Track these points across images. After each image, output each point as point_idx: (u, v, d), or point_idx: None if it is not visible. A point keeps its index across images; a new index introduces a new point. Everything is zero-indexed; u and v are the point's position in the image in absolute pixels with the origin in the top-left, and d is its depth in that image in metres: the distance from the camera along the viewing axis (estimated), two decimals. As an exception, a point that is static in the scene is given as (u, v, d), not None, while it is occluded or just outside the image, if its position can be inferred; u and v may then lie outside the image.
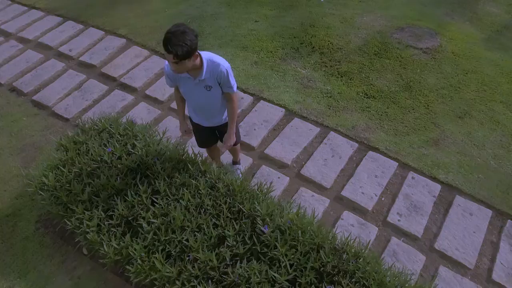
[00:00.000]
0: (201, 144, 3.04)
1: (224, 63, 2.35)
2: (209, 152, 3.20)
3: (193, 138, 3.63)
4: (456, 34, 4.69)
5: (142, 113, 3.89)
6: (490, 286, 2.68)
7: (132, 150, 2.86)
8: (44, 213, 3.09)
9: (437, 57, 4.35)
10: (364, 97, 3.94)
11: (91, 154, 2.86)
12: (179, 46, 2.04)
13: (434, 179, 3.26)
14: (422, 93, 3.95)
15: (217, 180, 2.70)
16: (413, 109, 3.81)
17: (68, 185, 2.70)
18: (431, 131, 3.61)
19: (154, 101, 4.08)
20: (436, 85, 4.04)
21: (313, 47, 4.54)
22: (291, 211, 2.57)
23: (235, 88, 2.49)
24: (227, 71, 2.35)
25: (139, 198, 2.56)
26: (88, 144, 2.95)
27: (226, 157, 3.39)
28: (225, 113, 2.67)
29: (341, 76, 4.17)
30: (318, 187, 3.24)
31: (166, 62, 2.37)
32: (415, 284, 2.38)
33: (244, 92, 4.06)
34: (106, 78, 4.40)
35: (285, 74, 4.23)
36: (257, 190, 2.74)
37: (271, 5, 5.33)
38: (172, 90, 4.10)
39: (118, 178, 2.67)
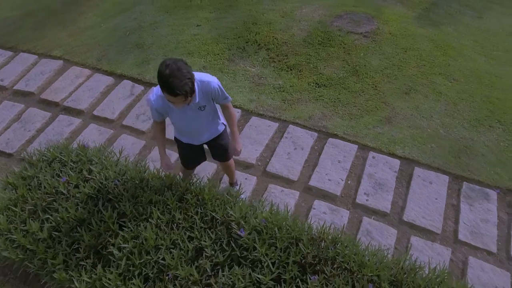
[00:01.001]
0: (188, 163, 2.90)
1: (213, 79, 2.29)
2: (190, 170, 3.03)
3: (153, 153, 3.51)
4: (390, 16, 4.94)
5: (93, 135, 3.69)
6: (458, 246, 2.85)
7: (89, 176, 2.70)
8: (0, 259, 2.83)
9: (377, 40, 4.55)
10: (316, 86, 4.03)
11: (44, 188, 2.66)
12: (184, 85, 1.97)
13: (392, 155, 3.40)
14: (369, 75, 4.12)
15: (185, 192, 2.63)
16: (363, 92, 3.95)
17: (23, 225, 2.50)
18: (382, 110, 3.77)
19: (104, 121, 3.89)
20: (380, 66, 4.23)
21: (259, 44, 4.56)
22: (264, 210, 2.56)
23: (229, 98, 2.47)
24: (219, 86, 2.32)
25: (105, 225, 2.42)
26: (39, 177, 2.75)
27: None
28: (219, 123, 2.63)
29: (291, 69, 4.23)
30: (286, 181, 3.26)
31: (151, 96, 2.26)
32: (392, 258, 2.47)
33: (197, 98, 3.98)
34: (47, 105, 4.12)
35: (236, 74, 4.21)
36: (227, 195, 2.70)
37: (210, 8, 5.29)
38: (123, 107, 3.94)
39: (79, 208, 2.51)
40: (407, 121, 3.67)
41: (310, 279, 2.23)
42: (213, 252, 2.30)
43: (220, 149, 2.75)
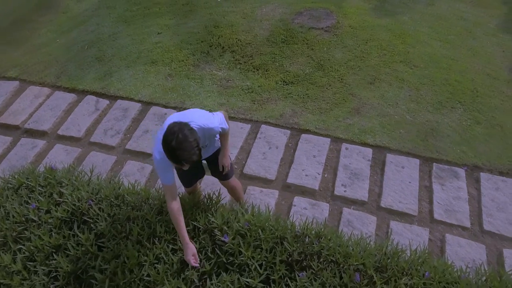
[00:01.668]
0: (189, 183, 2.79)
1: (215, 123, 2.21)
2: (191, 188, 2.89)
3: (126, 168, 3.42)
4: (349, 9, 5.06)
5: (61, 156, 3.54)
6: (434, 226, 2.96)
7: (60, 199, 2.59)
8: (-29, 298, 2.66)
9: (338, 33, 4.65)
10: (284, 84, 4.06)
11: (13, 217, 2.52)
12: (192, 155, 1.87)
13: (364, 144, 3.49)
14: (334, 69, 4.20)
15: (163, 204, 2.57)
16: (329, 86, 4.02)
17: (-7, 258, 2.35)
18: (350, 102, 3.85)
19: (70, 140, 3.74)
20: (344, 58, 4.32)
21: (223, 47, 4.54)
22: (246, 213, 2.55)
23: (227, 127, 2.41)
24: (221, 128, 2.29)
25: (83, 248, 2.33)
26: (6, 207, 2.60)
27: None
28: (216, 139, 2.59)
29: (257, 70, 4.24)
30: (264, 182, 3.27)
31: (156, 155, 2.05)
32: (375, 245, 2.53)
33: (166, 107, 3.92)
34: (6, 129, 3.92)
35: (202, 79, 4.18)
36: (207, 201, 2.67)
37: (170, 14, 5.21)
38: (89, 124, 3.80)
39: (53, 234, 2.39)
40: (375, 110, 3.77)
41: (299, 276, 2.24)
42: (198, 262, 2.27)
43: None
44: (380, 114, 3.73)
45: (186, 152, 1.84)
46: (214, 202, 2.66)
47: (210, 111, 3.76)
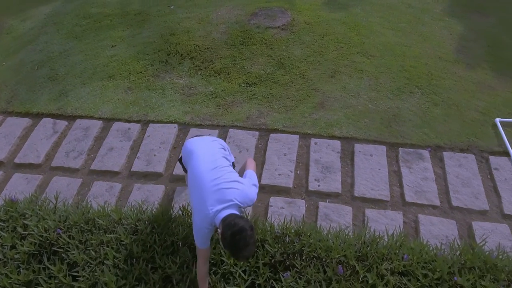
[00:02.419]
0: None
1: (253, 197, 2.12)
2: None
3: (94, 190, 3.30)
4: (302, 6, 5.13)
5: (20, 186, 3.34)
6: (407, 208, 3.06)
7: (25, 232, 2.44)
8: None
9: (294, 30, 4.70)
10: (247, 86, 4.05)
11: (-26, 258, 2.35)
12: (252, 254, 1.96)
13: (332, 137, 3.55)
14: (294, 66, 4.24)
15: (137, 223, 2.49)
16: (292, 83, 4.06)
17: (-44, 306, 2.18)
18: (314, 97, 3.90)
19: (29, 167, 3.53)
20: (303, 55, 4.37)
21: (181, 54, 4.47)
22: (224, 220, 2.52)
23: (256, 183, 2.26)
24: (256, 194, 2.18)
25: (56, 281, 2.20)
26: (-36, 248, 2.41)
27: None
28: None
29: (219, 74, 4.21)
30: (239, 186, 3.24)
31: (206, 231, 2.01)
32: (353, 235, 2.57)
33: (129, 121, 3.80)
34: (-43, 163, 3.64)
35: (164, 89, 4.08)
36: (182, 214, 2.62)
37: (122, 26, 5.06)
38: (48, 148, 3.60)
39: (21, 270, 2.25)
40: (338, 102, 3.84)
41: (283, 276, 2.24)
42: (181, 277, 2.21)
43: None
44: (344, 106, 3.81)
45: (247, 254, 1.88)
46: (190, 213, 2.60)
47: (176, 121, 3.71)
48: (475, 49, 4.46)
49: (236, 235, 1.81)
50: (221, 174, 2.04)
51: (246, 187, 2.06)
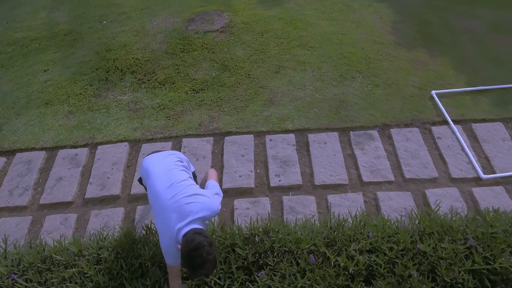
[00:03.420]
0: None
1: (216, 209, 2.05)
2: None
3: (47, 225, 3.10)
4: (238, 6, 5.16)
5: (-38, 234, 3.04)
6: (366, 188, 3.18)
7: (-27, 285, 2.22)
8: None
9: (234, 32, 4.72)
10: (194, 93, 4.00)
11: None
12: (213, 270, 1.88)
13: (285, 131, 3.60)
14: (239, 66, 4.25)
15: (99, 251, 2.36)
16: (239, 84, 4.07)
17: None
18: (262, 95, 3.94)
19: (-31, 212, 3.23)
20: (245, 54, 4.40)
21: (121, 70, 4.31)
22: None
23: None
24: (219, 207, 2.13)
25: (17, 330, 2.03)
26: None
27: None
28: None
29: (163, 85, 4.11)
30: (201, 194, 3.19)
31: (174, 250, 1.93)
32: (320, 223, 2.63)
33: (75, 147, 3.60)
34: None
35: (108, 108, 3.92)
36: (147, 233, 2.53)
37: (53, 48, 4.78)
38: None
39: (-26, 327, 2.05)
40: (287, 96, 3.91)
41: (258, 276, 2.24)
42: (154, 298, 2.14)
43: None
44: (292, 99, 3.88)
45: (206, 271, 1.82)
46: (154, 231, 2.52)
47: (126, 139, 3.57)
48: (405, 30, 4.74)
49: (192, 251, 1.76)
50: (179, 190, 1.99)
51: (208, 199, 2.02)
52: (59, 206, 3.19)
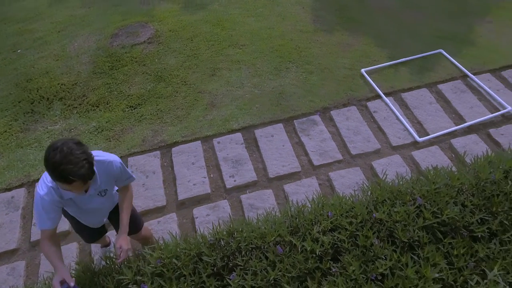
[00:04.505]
0: (91, 240, 2.54)
1: (114, 158, 1.91)
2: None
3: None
4: (161, 15, 5.05)
5: None
6: (318, 171, 3.29)
7: None
8: None
9: (162, 41, 4.61)
10: (131, 109, 3.85)
11: None
12: (81, 168, 1.61)
13: (232, 131, 3.61)
14: (173, 75, 4.17)
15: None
16: (177, 92, 3.99)
17: None
18: (202, 99, 3.91)
19: None
20: (178, 62, 4.33)
21: (48, 98, 4.03)
22: (153, 252, 2.38)
23: (133, 176, 2.12)
24: (121, 164, 1.96)
25: None
26: None
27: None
28: (116, 193, 2.23)
29: (97, 106, 3.91)
30: (158, 211, 3.09)
31: (39, 190, 1.77)
32: (281, 213, 2.67)
33: (9, 189, 3.29)
34: None
35: (40, 141, 3.64)
36: (106, 263, 2.39)
37: (-36, 87, 4.33)
38: None
39: None
40: (227, 97, 3.91)
41: (230, 279, 2.22)
42: (126, 328, 2.03)
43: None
44: (233, 99, 3.89)
45: (72, 165, 1.60)
46: (114, 259, 2.39)
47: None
48: (327, 16, 4.96)
49: (52, 151, 1.60)
50: None
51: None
52: (3, 256, 2.91)
